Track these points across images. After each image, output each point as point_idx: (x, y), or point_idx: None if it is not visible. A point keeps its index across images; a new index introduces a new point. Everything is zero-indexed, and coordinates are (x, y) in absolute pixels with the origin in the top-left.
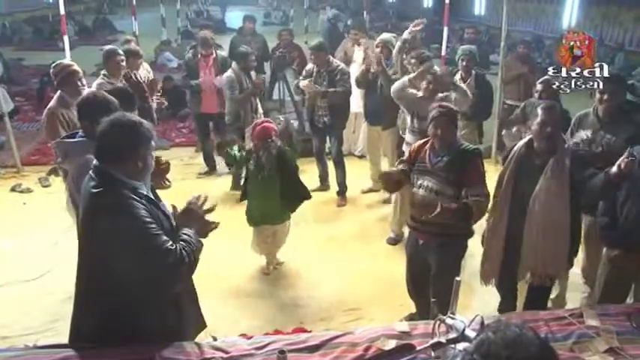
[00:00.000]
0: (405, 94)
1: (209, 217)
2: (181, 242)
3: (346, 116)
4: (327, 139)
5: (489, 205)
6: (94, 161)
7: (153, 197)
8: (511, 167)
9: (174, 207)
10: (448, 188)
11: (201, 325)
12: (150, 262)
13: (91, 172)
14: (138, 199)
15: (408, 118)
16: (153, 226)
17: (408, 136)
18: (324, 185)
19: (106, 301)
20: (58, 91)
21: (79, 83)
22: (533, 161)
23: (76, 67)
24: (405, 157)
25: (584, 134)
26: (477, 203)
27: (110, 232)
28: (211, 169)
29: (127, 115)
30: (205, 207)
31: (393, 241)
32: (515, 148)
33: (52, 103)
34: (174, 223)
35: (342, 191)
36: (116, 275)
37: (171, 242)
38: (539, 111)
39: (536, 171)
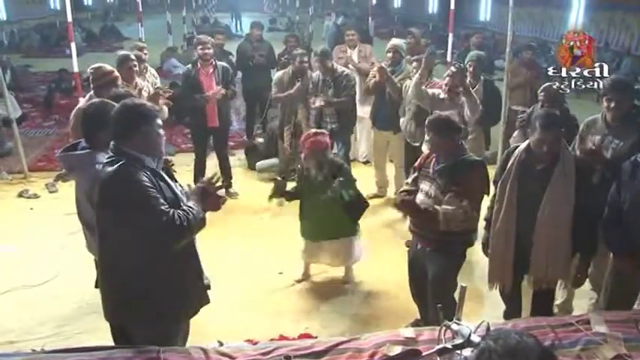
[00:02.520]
0: (424, 93)
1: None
2: (180, 210)
3: (353, 121)
4: (335, 144)
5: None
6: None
7: (161, 173)
8: (512, 174)
9: (189, 185)
10: (442, 195)
11: (205, 300)
12: (146, 219)
13: (109, 151)
14: (141, 169)
15: None
16: (152, 190)
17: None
18: None
19: (122, 278)
20: (90, 93)
21: (115, 88)
22: (534, 167)
23: (117, 73)
24: (415, 165)
25: (592, 140)
26: (449, 213)
27: (115, 197)
28: None
29: (132, 99)
30: (217, 184)
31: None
32: (515, 153)
33: (82, 103)
34: (179, 195)
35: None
36: (125, 245)
37: (167, 206)
38: (538, 128)
39: (538, 176)
